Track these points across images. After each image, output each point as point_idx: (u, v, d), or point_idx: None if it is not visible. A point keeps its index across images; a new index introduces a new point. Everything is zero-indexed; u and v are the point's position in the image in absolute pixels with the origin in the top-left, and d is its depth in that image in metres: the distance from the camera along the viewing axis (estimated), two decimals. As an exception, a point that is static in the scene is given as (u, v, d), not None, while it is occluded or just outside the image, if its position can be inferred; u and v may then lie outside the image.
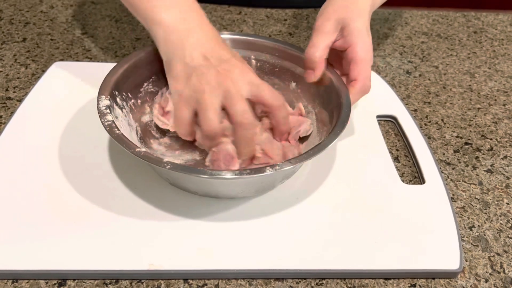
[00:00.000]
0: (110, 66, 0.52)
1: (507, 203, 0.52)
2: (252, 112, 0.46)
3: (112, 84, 0.50)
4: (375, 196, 0.50)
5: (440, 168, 0.55)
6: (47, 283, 0.42)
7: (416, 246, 0.45)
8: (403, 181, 0.53)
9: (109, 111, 0.47)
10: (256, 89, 0.46)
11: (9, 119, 0.57)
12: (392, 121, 0.62)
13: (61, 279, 0.42)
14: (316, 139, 0.52)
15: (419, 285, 0.44)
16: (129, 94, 0.52)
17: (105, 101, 0.47)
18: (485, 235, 0.49)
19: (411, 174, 0.55)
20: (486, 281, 0.44)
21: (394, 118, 0.62)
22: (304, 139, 0.54)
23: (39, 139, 0.54)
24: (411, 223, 0.48)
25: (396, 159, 0.57)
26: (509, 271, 0.45)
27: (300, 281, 0.43)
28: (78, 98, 0.61)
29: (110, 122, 0.45)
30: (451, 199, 0.51)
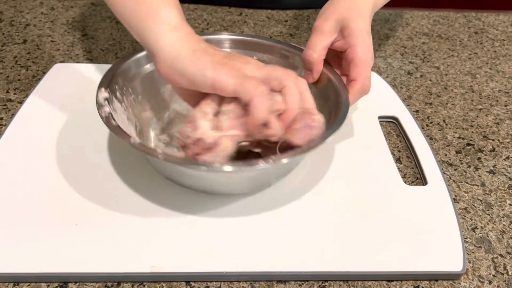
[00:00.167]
0: (111, 67, 0.52)
1: (510, 204, 0.52)
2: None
3: (113, 77, 0.50)
4: (377, 197, 0.50)
5: (442, 169, 0.55)
6: (48, 286, 0.42)
7: (418, 248, 0.45)
8: (405, 182, 0.52)
9: (107, 103, 0.47)
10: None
11: (10, 121, 0.57)
12: (393, 122, 0.62)
13: (63, 281, 0.42)
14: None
15: (422, 287, 0.43)
16: (129, 89, 0.52)
17: (104, 94, 0.48)
18: (488, 236, 0.48)
19: (413, 175, 0.55)
20: (490, 282, 0.44)
21: (396, 119, 0.62)
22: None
23: (40, 141, 0.54)
24: (413, 224, 0.47)
25: (398, 160, 0.57)
26: (512, 273, 0.45)
27: (302, 283, 0.43)
28: (79, 99, 0.61)
29: (107, 114, 0.46)
30: (454, 200, 0.50)
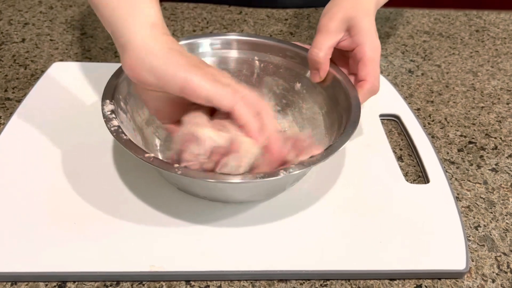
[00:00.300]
0: (110, 66, 0.52)
1: (513, 202, 0.51)
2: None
3: (115, 87, 0.49)
4: (379, 195, 0.49)
5: (444, 167, 0.54)
6: (46, 285, 0.41)
7: (421, 246, 0.45)
8: (407, 180, 0.52)
9: (114, 115, 0.45)
10: None
11: (8, 119, 0.56)
12: (395, 120, 0.61)
13: (61, 281, 0.41)
14: (325, 140, 0.51)
15: (425, 286, 0.43)
16: (132, 98, 0.51)
17: (109, 106, 0.46)
18: (491, 234, 0.48)
19: (415, 173, 0.54)
20: (493, 281, 0.44)
21: (397, 117, 0.61)
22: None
23: (38, 140, 0.54)
24: (415, 222, 0.47)
25: (399, 158, 0.56)
26: (516, 271, 0.45)
27: (304, 282, 0.43)
28: (78, 98, 0.60)
29: (116, 127, 0.44)
30: (456, 199, 0.50)
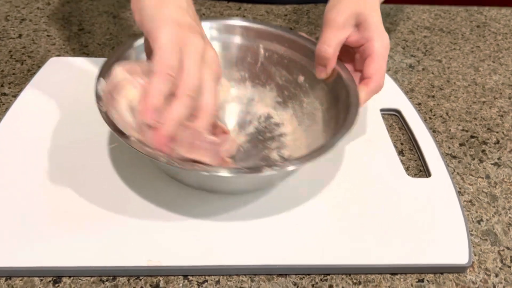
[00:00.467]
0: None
1: (516, 197, 0.51)
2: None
3: (112, 66, 0.46)
4: (380, 189, 0.49)
5: (446, 161, 0.54)
6: (41, 280, 0.40)
7: (423, 240, 0.44)
8: (408, 174, 0.51)
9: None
10: None
11: (3, 114, 0.56)
12: (396, 114, 0.61)
13: (56, 276, 0.41)
14: (321, 138, 0.50)
15: (427, 280, 0.42)
16: None
17: (103, 84, 0.44)
18: (494, 229, 0.47)
19: (416, 167, 0.53)
20: (496, 275, 0.43)
21: (398, 112, 0.60)
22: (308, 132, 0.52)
23: (34, 135, 0.53)
24: (417, 216, 0.46)
25: (400, 152, 0.55)
26: (519, 266, 0.44)
27: (304, 276, 0.42)
28: (74, 93, 0.59)
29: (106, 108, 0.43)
30: (458, 193, 0.49)
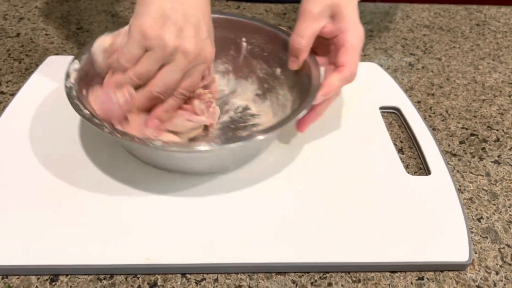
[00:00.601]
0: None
1: (516, 194, 0.50)
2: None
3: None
4: (379, 187, 0.48)
5: (446, 159, 0.53)
6: (38, 278, 0.40)
7: (423, 238, 0.44)
8: (408, 172, 0.51)
9: (76, 74, 0.47)
10: None
11: (1, 113, 0.55)
12: (395, 112, 0.60)
13: (53, 274, 0.40)
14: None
15: (427, 278, 0.42)
16: None
17: (75, 65, 0.48)
18: (494, 226, 0.47)
19: (416, 165, 0.53)
20: (497, 273, 0.42)
21: (398, 110, 0.60)
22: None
23: (31, 133, 0.53)
24: (417, 214, 0.46)
25: (400, 150, 0.55)
26: (520, 263, 0.44)
27: (303, 274, 0.42)
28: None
29: (71, 85, 0.45)
30: (458, 190, 0.49)
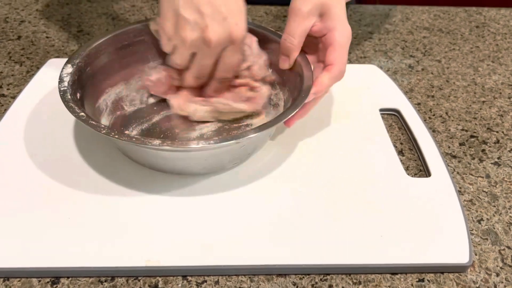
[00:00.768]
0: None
1: (516, 196, 0.51)
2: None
3: (83, 55, 0.51)
4: (380, 189, 0.49)
5: (446, 161, 0.53)
6: (39, 281, 0.40)
7: (423, 240, 0.44)
8: (408, 174, 0.51)
9: (70, 78, 0.48)
10: None
11: (2, 116, 0.56)
12: (395, 114, 0.61)
13: (54, 277, 0.40)
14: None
15: (428, 280, 0.42)
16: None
17: (68, 69, 0.49)
18: (494, 228, 0.47)
19: (416, 167, 0.53)
20: (497, 275, 0.43)
21: (398, 112, 0.60)
22: None
23: (32, 136, 0.53)
24: (417, 216, 0.46)
25: (400, 152, 0.55)
26: (520, 265, 0.44)
27: (303, 276, 0.42)
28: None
29: (65, 88, 0.47)
30: (458, 192, 0.49)
